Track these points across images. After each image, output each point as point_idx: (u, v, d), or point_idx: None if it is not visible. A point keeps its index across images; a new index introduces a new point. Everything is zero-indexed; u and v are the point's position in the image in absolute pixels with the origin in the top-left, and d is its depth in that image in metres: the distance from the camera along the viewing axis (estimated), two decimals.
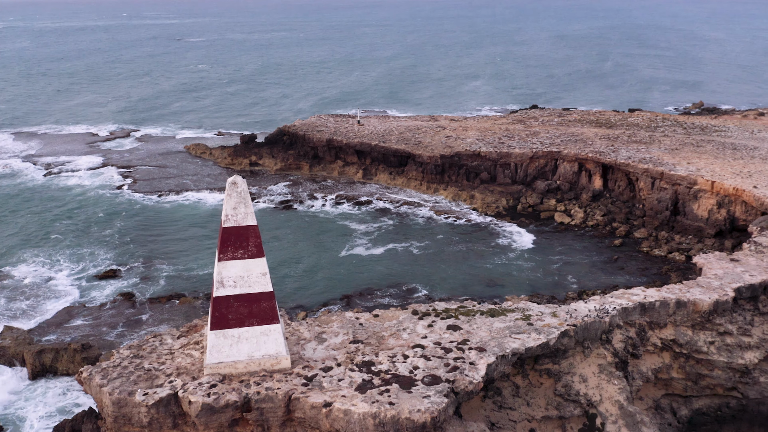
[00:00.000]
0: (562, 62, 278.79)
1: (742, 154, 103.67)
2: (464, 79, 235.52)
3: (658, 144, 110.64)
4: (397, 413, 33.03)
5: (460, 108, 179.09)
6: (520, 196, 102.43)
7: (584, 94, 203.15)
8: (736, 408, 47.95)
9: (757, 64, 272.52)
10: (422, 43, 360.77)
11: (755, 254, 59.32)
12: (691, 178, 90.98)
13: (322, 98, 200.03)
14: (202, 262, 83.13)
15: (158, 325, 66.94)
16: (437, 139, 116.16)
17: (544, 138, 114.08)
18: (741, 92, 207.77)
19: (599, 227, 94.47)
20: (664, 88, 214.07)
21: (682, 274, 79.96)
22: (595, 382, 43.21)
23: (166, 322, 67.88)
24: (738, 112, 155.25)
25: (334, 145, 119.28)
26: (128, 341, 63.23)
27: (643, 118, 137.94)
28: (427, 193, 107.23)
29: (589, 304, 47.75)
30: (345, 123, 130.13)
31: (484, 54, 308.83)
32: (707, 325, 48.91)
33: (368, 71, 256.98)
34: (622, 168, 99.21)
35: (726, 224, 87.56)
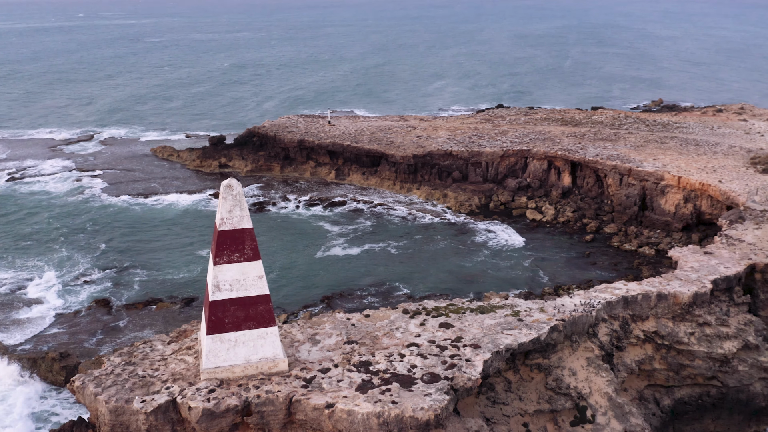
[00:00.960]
0: (524, 61, 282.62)
1: (705, 150, 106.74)
2: (430, 78, 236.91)
3: (623, 141, 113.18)
4: (401, 412, 33.32)
5: (428, 108, 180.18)
6: (492, 194, 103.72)
7: (547, 93, 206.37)
8: (716, 396, 49.58)
9: (712, 62, 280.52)
10: (386, 43, 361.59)
11: (727, 247, 61.36)
12: (658, 174, 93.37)
13: (288, 99, 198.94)
14: (177, 265, 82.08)
15: (138, 332, 65.90)
16: (408, 138, 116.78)
17: (513, 137, 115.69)
18: (697, 89, 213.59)
19: (570, 223, 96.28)
20: (624, 86, 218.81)
21: (653, 268, 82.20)
22: (584, 375, 44.21)
23: (145, 328, 66.86)
24: (697, 109, 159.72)
25: (305, 145, 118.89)
26: (108, 348, 62.13)
27: (607, 115, 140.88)
28: (400, 193, 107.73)
29: (575, 299, 48.80)
30: (315, 123, 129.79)
31: (449, 54, 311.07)
32: (687, 317, 50.46)
33: (334, 71, 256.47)
34: (591, 165, 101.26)
35: (692, 218, 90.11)
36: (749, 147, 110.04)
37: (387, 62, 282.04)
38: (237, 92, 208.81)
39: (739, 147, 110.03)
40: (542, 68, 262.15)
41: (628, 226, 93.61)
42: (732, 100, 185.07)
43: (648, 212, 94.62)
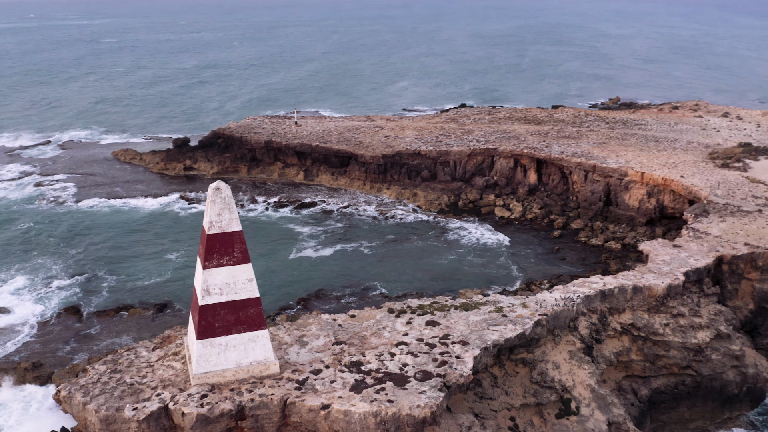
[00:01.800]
0: (484, 60, 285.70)
1: (665, 146, 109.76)
2: (393, 78, 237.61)
3: (586, 138, 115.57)
4: (398, 410, 33.59)
5: (392, 108, 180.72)
6: (461, 192, 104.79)
7: (508, 92, 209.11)
8: (691, 385, 51.21)
9: (664, 60, 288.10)
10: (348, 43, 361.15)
11: (695, 240, 63.36)
12: (622, 170, 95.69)
13: (251, 99, 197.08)
14: (147, 270, 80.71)
15: (112, 339, 64.62)
16: (377, 138, 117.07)
17: (479, 135, 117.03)
18: (652, 86, 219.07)
19: (537, 220, 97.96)
20: (581, 85, 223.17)
21: (620, 262, 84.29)
22: (567, 368, 45.19)
23: (119, 335, 65.60)
24: (654, 106, 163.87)
25: (273, 146, 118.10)
26: (82, 357, 60.76)
27: (568, 114, 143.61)
28: (370, 193, 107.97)
29: (555, 294, 49.80)
30: (282, 124, 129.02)
31: (410, 54, 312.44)
32: (662, 309, 51.99)
33: (296, 71, 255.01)
34: (556, 162, 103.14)
35: (656, 212, 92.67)
36: (706, 142, 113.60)
37: (350, 62, 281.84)
38: (198, 93, 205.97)
39: (697, 143, 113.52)
40: (502, 67, 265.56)
41: (594, 222, 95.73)
42: (686, 97, 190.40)
43: (613, 207, 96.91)
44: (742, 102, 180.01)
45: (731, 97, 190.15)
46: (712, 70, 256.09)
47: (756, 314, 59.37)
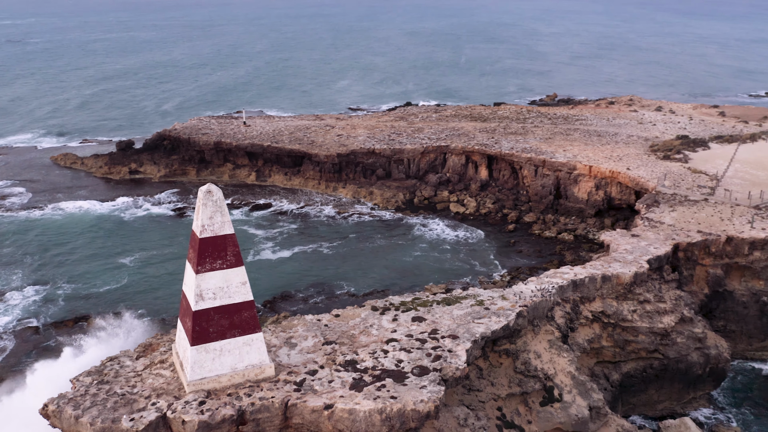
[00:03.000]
0: (423, 58, 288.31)
1: (607, 140, 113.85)
2: (334, 77, 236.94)
3: (532, 134, 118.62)
4: (402, 406, 33.96)
5: (337, 107, 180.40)
6: (416, 189, 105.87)
7: (449, 89, 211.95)
8: (658, 368, 53.63)
9: (594, 56, 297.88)
10: (286, 41, 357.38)
11: (651, 229, 66.25)
12: (570, 164, 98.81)
13: (189, 99, 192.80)
14: (102, 277, 78.15)
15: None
16: (329, 138, 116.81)
17: (429, 133, 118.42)
18: (584, 82, 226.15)
19: (491, 214, 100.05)
20: (518, 82, 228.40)
21: (575, 253, 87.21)
22: (548, 357, 46.62)
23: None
24: (591, 102, 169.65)
25: (222, 147, 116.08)
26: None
27: (511, 110, 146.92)
28: (326, 193, 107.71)
29: (530, 285, 51.21)
30: (230, 124, 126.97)
31: (349, 52, 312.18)
32: (629, 296, 54.24)
33: (234, 70, 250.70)
34: (507, 158, 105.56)
35: (604, 204, 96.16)
36: (645, 135, 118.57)
37: (290, 61, 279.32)
38: (135, 94, 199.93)
39: (636, 136, 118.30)
40: (441, 65, 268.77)
41: (546, 215, 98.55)
42: (618, 92, 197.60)
43: (563, 200, 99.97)
44: (673, 96, 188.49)
45: (662, 92, 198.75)
46: (640, 66, 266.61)
47: (711, 298, 62.66)
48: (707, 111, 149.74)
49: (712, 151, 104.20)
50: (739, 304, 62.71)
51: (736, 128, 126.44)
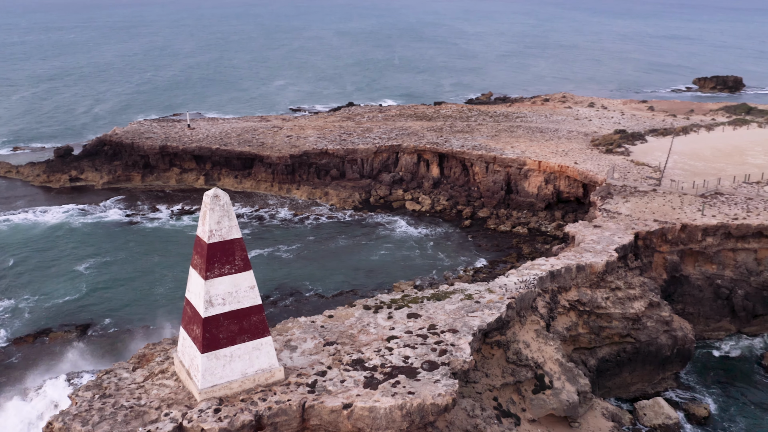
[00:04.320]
0: (357, 58, 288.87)
1: (550, 136, 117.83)
2: (269, 77, 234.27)
3: (478, 132, 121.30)
4: (422, 401, 34.54)
5: (276, 107, 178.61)
6: (371, 189, 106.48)
7: (387, 88, 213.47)
8: (631, 352, 56.31)
9: (520, 55, 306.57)
10: (215, 41, 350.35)
11: (610, 219, 69.29)
12: (520, 160, 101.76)
13: (120, 102, 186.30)
14: (59, 289, 74.98)
15: (38, 367, 59.61)
16: (279, 139, 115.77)
17: (379, 133, 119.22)
18: (515, 80, 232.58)
19: (446, 211, 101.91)
20: (453, 81, 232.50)
21: (530, 245, 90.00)
22: (536, 346, 48.24)
23: (46, 363, 60.65)
24: (527, 99, 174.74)
25: (168, 151, 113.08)
26: (12, 391, 55.64)
27: (452, 109, 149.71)
28: (280, 194, 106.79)
29: (511, 278, 52.73)
30: (174, 128, 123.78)
31: (281, 52, 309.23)
32: (601, 284, 56.70)
33: (165, 72, 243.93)
34: (458, 156, 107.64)
35: (553, 197, 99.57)
36: (584, 131, 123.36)
37: (221, 61, 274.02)
38: (63, 99, 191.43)
39: (576, 131, 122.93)
40: (376, 64, 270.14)
41: (499, 209, 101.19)
42: (549, 90, 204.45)
43: (514, 195, 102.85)
44: (601, 92, 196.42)
45: (590, 89, 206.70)
46: (565, 64, 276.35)
47: (669, 283, 66.18)
48: (637, 106, 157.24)
49: (649, 144, 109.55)
50: (695, 287, 66.54)
51: (666, 122, 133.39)
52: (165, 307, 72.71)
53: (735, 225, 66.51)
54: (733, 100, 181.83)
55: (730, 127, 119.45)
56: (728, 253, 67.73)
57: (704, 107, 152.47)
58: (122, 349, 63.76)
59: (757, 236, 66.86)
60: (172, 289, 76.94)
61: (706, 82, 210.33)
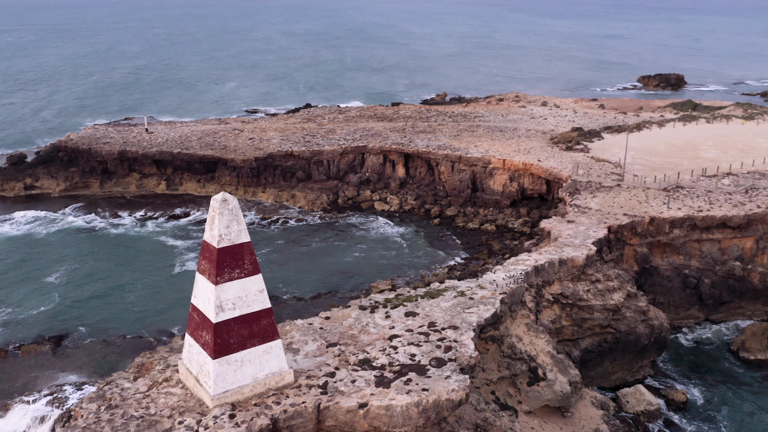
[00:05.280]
0: (309, 58, 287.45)
1: (510, 135, 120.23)
2: (220, 79, 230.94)
3: (440, 132, 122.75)
4: (437, 397, 35.04)
5: (231, 110, 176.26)
6: (338, 190, 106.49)
7: (343, 89, 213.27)
8: (612, 342, 58.22)
9: (468, 55, 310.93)
10: (161, 43, 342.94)
11: (582, 215, 71.36)
12: (485, 159, 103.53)
13: (68, 106, 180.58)
14: (28, 300, 72.50)
15: (15, 382, 57.56)
16: (241, 141, 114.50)
17: (343, 134, 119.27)
18: (467, 80, 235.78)
19: (415, 210, 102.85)
20: (406, 81, 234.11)
21: (500, 242, 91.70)
22: (528, 339, 49.44)
23: (23, 377, 58.61)
24: (481, 99, 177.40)
25: (127, 156, 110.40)
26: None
27: (410, 110, 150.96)
28: (245, 198, 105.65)
29: (498, 274, 53.83)
30: (131, 132, 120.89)
31: (231, 52, 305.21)
32: (582, 277, 58.44)
33: (112, 75, 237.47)
34: (424, 156, 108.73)
35: (518, 195, 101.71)
36: (541, 129, 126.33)
37: (169, 62, 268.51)
38: (6, 105, 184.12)
39: (534, 130, 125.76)
40: (329, 65, 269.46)
41: (465, 208, 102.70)
42: (500, 89, 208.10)
43: (479, 193, 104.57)
44: (552, 92, 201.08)
45: (540, 88, 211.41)
46: (514, 64, 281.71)
47: (640, 274, 68.65)
48: (588, 104, 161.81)
49: (606, 141, 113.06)
50: (664, 278, 69.21)
51: (618, 119, 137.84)
52: (139, 315, 71.28)
53: (700, 217, 69.51)
54: (676, 97, 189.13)
55: (680, 123, 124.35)
56: (694, 244, 70.73)
57: (652, 104, 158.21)
58: (100, 360, 62.22)
59: (721, 227, 70.06)
60: (143, 297, 75.42)
61: (650, 80, 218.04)
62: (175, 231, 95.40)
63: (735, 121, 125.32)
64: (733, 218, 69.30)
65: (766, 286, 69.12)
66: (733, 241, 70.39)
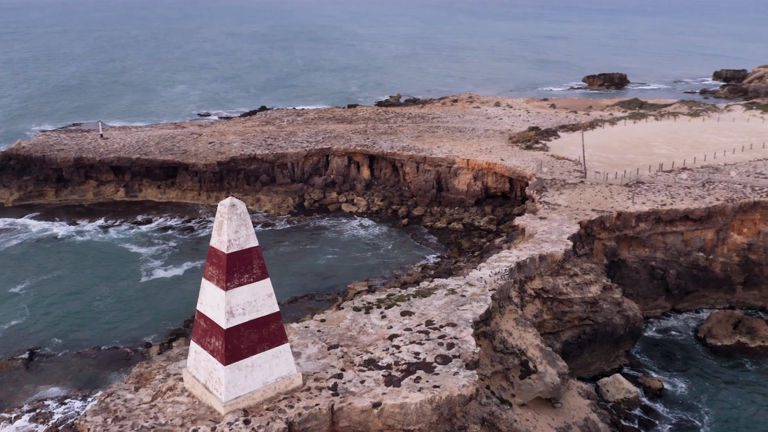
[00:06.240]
0: (257, 59, 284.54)
1: (470, 135, 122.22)
2: (168, 82, 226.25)
3: (402, 133, 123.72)
4: (450, 393, 35.70)
5: (182, 114, 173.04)
6: (303, 193, 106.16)
7: (297, 91, 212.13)
8: (590, 333, 60.16)
9: (415, 56, 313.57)
10: (104, 45, 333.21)
11: (552, 211, 73.37)
12: (450, 159, 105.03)
13: (10, 111, 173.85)
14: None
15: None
16: (201, 146, 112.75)
17: (305, 137, 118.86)
18: (417, 81, 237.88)
19: (382, 211, 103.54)
20: (358, 82, 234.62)
21: (468, 240, 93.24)
22: (518, 334, 50.70)
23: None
24: (436, 101, 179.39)
25: (84, 163, 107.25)
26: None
27: (368, 112, 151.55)
28: (209, 203, 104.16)
29: (483, 271, 54.96)
30: (85, 138, 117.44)
31: (177, 54, 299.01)
32: (561, 272, 60.20)
33: (56, 78, 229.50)
34: (389, 157, 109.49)
35: (482, 193, 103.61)
36: (499, 129, 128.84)
37: (114, 65, 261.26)
38: None
39: (492, 130, 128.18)
40: (278, 66, 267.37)
41: (432, 207, 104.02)
42: (452, 90, 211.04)
43: (444, 192, 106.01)
44: (502, 92, 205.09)
45: (491, 89, 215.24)
46: (462, 64, 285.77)
47: (609, 267, 71.08)
48: (539, 104, 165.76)
49: (563, 140, 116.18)
50: (632, 270, 71.88)
51: (570, 118, 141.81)
52: (110, 326, 69.69)
53: (665, 210, 72.49)
54: (621, 95, 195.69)
55: (631, 120, 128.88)
56: (659, 237, 73.67)
57: (600, 103, 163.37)
58: (77, 373, 60.56)
59: (684, 220, 73.19)
60: (113, 306, 73.73)
61: (595, 80, 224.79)
62: (139, 238, 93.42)
63: (682, 118, 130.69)
64: (695, 211, 72.54)
65: (727, 275, 72.64)
66: (695, 232, 73.67)
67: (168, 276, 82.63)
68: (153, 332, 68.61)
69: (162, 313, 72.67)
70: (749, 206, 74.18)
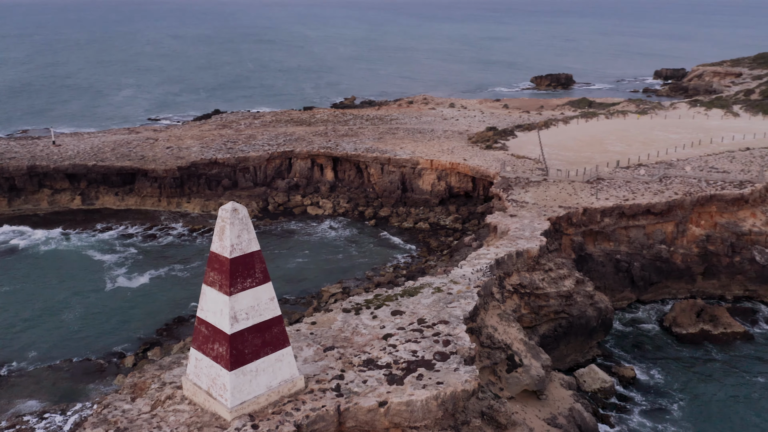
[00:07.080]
0: (203, 61, 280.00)
1: (430, 136, 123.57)
2: (112, 86, 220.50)
3: (363, 135, 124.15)
4: (454, 389, 36.39)
5: (131, 119, 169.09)
6: (267, 197, 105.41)
7: (248, 93, 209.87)
8: (566, 326, 61.95)
9: (365, 58, 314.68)
10: (43, 49, 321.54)
11: (521, 209, 75.15)
12: (414, 160, 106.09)
13: None
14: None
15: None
16: (159, 151, 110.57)
17: (265, 140, 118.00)
18: (369, 83, 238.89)
19: (349, 213, 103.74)
20: (311, 84, 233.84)
21: (436, 239, 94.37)
22: (503, 329, 51.88)
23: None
24: (392, 102, 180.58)
25: (37, 171, 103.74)
26: None
27: (325, 114, 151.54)
28: (170, 209, 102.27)
29: (465, 269, 56.00)
30: (36, 145, 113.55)
31: (119, 57, 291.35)
32: (536, 267, 61.80)
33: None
34: (353, 159, 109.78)
35: (446, 193, 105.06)
36: (457, 129, 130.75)
37: (55, 69, 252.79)
38: None
39: (451, 130, 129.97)
40: (227, 68, 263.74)
41: (397, 208, 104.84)
42: (405, 92, 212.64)
43: (409, 193, 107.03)
44: (453, 93, 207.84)
45: (443, 90, 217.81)
46: (411, 66, 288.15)
47: (577, 262, 73.26)
48: (492, 105, 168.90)
49: (520, 139, 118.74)
50: (599, 263, 74.29)
51: (524, 117, 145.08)
52: (80, 336, 67.93)
53: (628, 205, 75.19)
54: (568, 95, 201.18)
55: (583, 119, 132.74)
56: (622, 231, 76.37)
57: (551, 103, 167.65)
58: (50, 386, 58.81)
59: (645, 214, 76.07)
60: (81, 317, 71.81)
61: (543, 80, 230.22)
62: (101, 245, 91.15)
63: (631, 116, 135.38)
64: (656, 205, 75.50)
65: (688, 266, 75.86)
66: (656, 226, 76.65)
67: (133, 285, 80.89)
68: (124, 342, 67.17)
69: (131, 323, 71.17)
70: (706, 199, 77.69)
